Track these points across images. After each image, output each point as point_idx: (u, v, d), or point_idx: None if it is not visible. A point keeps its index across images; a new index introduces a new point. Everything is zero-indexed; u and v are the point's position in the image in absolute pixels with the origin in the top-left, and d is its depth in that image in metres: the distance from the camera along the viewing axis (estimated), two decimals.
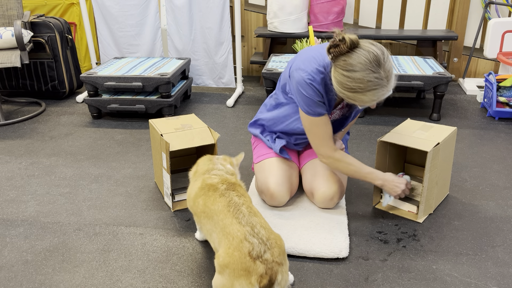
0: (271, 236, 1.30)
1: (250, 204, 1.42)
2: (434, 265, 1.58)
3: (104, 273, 1.56)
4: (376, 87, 1.48)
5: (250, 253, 1.25)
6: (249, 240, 1.27)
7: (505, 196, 2.03)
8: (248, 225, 1.31)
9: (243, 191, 1.49)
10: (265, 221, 1.36)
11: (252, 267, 1.23)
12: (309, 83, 1.63)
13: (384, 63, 1.48)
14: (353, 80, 1.47)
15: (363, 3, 3.86)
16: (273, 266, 1.25)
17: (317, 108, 1.67)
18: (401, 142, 1.80)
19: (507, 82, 2.95)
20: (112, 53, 3.64)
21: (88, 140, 2.73)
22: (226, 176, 1.56)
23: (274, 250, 1.27)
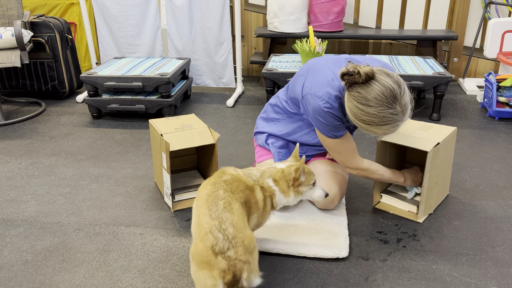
0: (239, 235, 1.28)
1: (232, 201, 1.35)
2: (434, 265, 1.58)
3: (104, 273, 1.56)
4: (390, 122, 1.45)
5: (213, 247, 1.25)
6: (214, 234, 1.26)
7: (505, 196, 2.03)
8: (217, 219, 1.29)
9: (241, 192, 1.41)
10: (241, 221, 1.32)
11: (213, 261, 1.24)
12: (327, 112, 1.60)
13: (400, 98, 1.43)
14: (367, 114, 1.44)
15: (363, 3, 3.86)
16: (236, 263, 1.24)
17: (337, 132, 1.65)
18: (401, 142, 1.80)
19: (507, 82, 2.95)
20: (112, 53, 3.64)
21: (88, 140, 2.73)
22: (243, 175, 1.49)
23: (238, 249, 1.25)
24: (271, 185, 1.50)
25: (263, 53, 3.82)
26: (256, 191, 1.47)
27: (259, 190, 1.48)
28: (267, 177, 1.51)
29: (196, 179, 2.13)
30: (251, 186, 1.46)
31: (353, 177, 2.21)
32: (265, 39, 3.79)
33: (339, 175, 1.89)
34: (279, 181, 1.50)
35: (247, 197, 1.43)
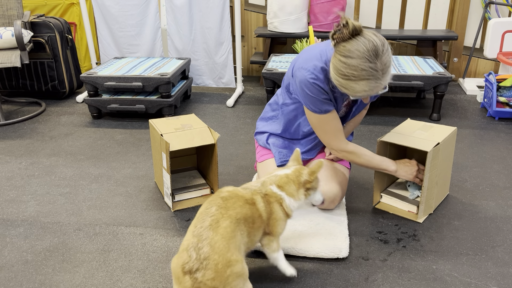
0: (213, 256, 1.19)
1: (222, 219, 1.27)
2: (434, 265, 1.58)
3: (104, 273, 1.56)
4: (369, 77, 1.45)
5: (183, 265, 1.20)
6: (189, 252, 1.21)
7: (505, 196, 2.03)
8: (197, 237, 1.23)
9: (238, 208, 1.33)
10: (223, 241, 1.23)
11: (181, 279, 1.20)
12: (312, 83, 1.62)
13: (382, 54, 1.45)
14: (348, 66, 1.45)
15: (363, 3, 3.86)
16: (200, 286, 1.18)
17: (323, 106, 1.66)
18: (401, 142, 1.80)
19: (507, 82, 2.95)
20: (112, 53, 3.64)
21: (88, 140, 2.73)
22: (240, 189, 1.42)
23: (207, 272, 1.18)
24: (276, 191, 1.44)
25: (263, 53, 3.82)
26: (257, 202, 1.40)
27: (260, 201, 1.40)
28: (270, 184, 1.46)
29: (196, 179, 2.13)
30: (250, 199, 1.38)
31: (353, 177, 2.21)
32: (265, 39, 3.79)
33: (340, 175, 1.88)
34: (284, 186, 1.46)
35: (247, 213, 1.34)
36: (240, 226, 1.31)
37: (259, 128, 2.04)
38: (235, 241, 1.26)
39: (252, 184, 1.47)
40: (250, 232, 1.35)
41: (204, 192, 2.04)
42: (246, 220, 1.33)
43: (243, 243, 1.32)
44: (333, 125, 1.70)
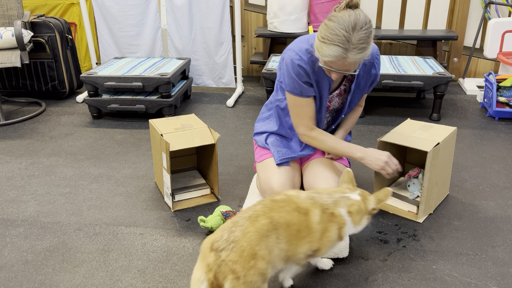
0: (243, 243, 1.21)
1: (262, 216, 1.28)
2: (434, 265, 1.58)
3: (104, 273, 1.56)
4: (339, 44, 1.47)
5: (213, 242, 1.24)
6: (222, 232, 1.25)
7: (505, 196, 2.03)
8: (233, 222, 1.28)
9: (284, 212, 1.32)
10: (257, 235, 1.24)
11: (206, 254, 1.23)
12: (296, 64, 1.66)
13: (359, 30, 1.47)
14: (326, 28, 1.49)
15: (363, 3, 3.86)
16: (221, 264, 1.19)
17: (301, 89, 1.70)
18: (401, 142, 1.80)
19: (507, 82, 2.95)
20: (112, 53, 3.64)
21: (88, 140, 2.73)
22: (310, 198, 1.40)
23: (231, 254, 1.20)
24: (343, 216, 1.41)
25: (263, 53, 3.82)
26: (312, 214, 1.36)
27: (317, 214, 1.37)
28: (342, 206, 1.42)
29: (196, 179, 2.13)
30: (304, 209, 1.35)
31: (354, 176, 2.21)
32: (265, 39, 3.80)
33: (339, 174, 1.88)
34: (353, 213, 1.43)
35: (292, 220, 1.32)
36: (279, 230, 1.30)
37: (257, 129, 2.04)
38: (267, 240, 1.26)
39: (323, 196, 1.43)
40: (291, 240, 1.32)
41: (204, 192, 2.04)
42: (289, 227, 1.31)
43: (279, 248, 1.30)
44: (305, 111, 1.74)
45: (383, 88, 2.90)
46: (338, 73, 1.58)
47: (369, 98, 3.45)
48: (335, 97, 1.85)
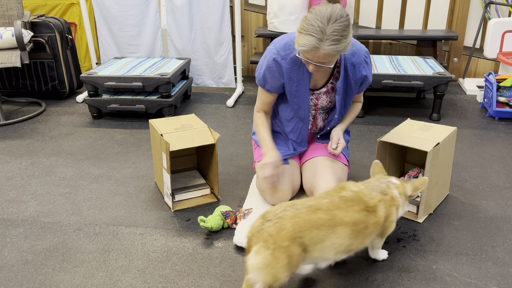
0: (287, 223, 1.26)
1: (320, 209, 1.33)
2: (434, 265, 1.58)
3: (104, 273, 1.56)
4: (313, 34, 1.51)
5: (268, 212, 1.32)
6: (277, 207, 1.33)
7: (505, 196, 2.03)
8: (292, 203, 1.35)
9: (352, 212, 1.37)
10: (307, 223, 1.28)
11: (258, 219, 1.32)
12: (272, 58, 1.75)
13: (333, 22, 1.51)
14: (304, 19, 1.55)
15: (363, 3, 3.86)
16: (260, 231, 1.27)
17: (265, 83, 1.82)
18: (401, 142, 1.80)
19: (507, 82, 2.95)
20: (112, 53, 3.64)
21: (88, 140, 2.73)
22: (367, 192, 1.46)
23: (272, 228, 1.26)
24: (398, 197, 1.51)
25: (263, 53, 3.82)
26: (379, 210, 1.43)
27: (382, 208, 1.44)
28: (394, 188, 1.51)
29: (196, 179, 2.13)
30: (372, 207, 1.41)
31: (353, 176, 2.21)
32: (265, 39, 3.79)
33: (339, 173, 1.89)
34: (402, 195, 1.53)
35: (360, 219, 1.37)
36: (341, 227, 1.34)
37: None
38: (317, 233, 1.30)
39: (378, 184, 1.50)
40: (357, 235, 1.38)
41: (204, 192, 2.04)
42: (356, 225, 1.37)
43: (338, 243, 1.35)
44: (262, 97, 1.88)
45: (383, 88, 2.90)
46: (315, 65, 1.61)
47: (369, 98, 3.45)
48: (322, 94, 1.86)
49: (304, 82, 1.79)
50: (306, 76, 1.77)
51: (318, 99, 1.86)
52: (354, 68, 1.78)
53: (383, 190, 1.48)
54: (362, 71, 1.79)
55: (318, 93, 1.85)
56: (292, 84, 1.79)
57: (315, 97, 1.86)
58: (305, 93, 1.81)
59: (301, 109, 1.86)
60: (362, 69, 1.79)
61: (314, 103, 1.88)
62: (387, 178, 1.55)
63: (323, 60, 1.57)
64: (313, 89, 1.85)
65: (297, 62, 1.75)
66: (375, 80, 2.89)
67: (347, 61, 1.77)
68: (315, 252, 1.31)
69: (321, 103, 1.88)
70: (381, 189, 1.48)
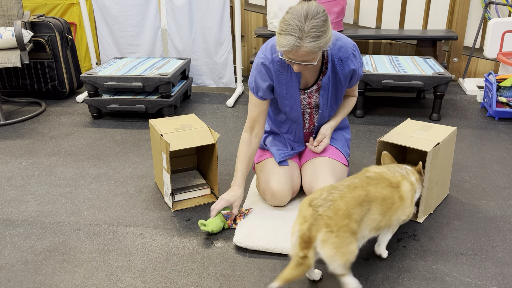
0: (340, 204, 1.32)
1: (358, 188, 1.40)
2: (434, 265, 1.58)
3: (104, 273, 1.56)
4: (291, 33, 1.52)
5: (312, 199, 1.36)
6: (320, 192, 1.38)
7: (505, 196, 2.03)
8: (333, 187, 1.40)
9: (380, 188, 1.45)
10: (352, 201, 1.35)
11: (303, 209, 1.35)
12: (260, 62, 1.77)
13: (310, 19, 1.52)
14: (283, 20, 1.56)
15: (363, 3, 3.86)
16: (317, 218, 1.30)
17: (258, 90, 1.81)
18: (401, 142, 1.80)
19: (507, 82, 2.95)
20: (112, 53, 3.64)
21: (88, 140, 2.73)
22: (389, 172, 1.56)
23: (328, 211, 1.30)
24: (415, 182, 1.60)
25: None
26: (403, 186, 1.52)
27: (407, 186, 1.54)
28: (412, 175, 1.61)
29: (196, 179, 2.13)
30: (396, 183, 1.51)
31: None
32: (265, 39, 3.79)
33: (338, 172, 1.89)
34: (418, 180, 1.64)
35: (387, 195, 1.46)
36: (374, 204, 1.41)
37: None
38: (361, 209, 1.37)
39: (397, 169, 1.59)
40: (387, 211, 1.45)
41: (204, 192, 2.04)
42: (384, 201, 1.44)
43: (372, 219, 1.41)
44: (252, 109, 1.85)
45: (383, 88, 2.90)
46: (299, 64, 1.62)
47: (369, 98, 3.45)
48: (314, 92, 1.87)
49: (293, 84, 1.80)
50: (294, 77, 1.78)
51: (310, 97, 1.88)
52: (342, 63, 1.78)
53: (403, 174, 1.57)
54: (350, 65, 1.79)
55: (310, 92, 1.86)
56: (282, 86, 1.80)
57: (307, 95, 1.87)
58: (295, 94, 1.82)
59: (293, 110, 1.86)
60: (350, 63, 1.79)
61: (307, 102, 1.89)
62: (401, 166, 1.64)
63: (306, 58, 1.58)
64: (304, 88, 1.86)
65: (284, 64, 1.76)
66: (375, 80, 2.89)
67: (334, 56, 1.77)
68: (359, 228, 1.38)
69: (314, 101, 1.89)
70: (401, 173, 1.57)
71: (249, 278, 1.52)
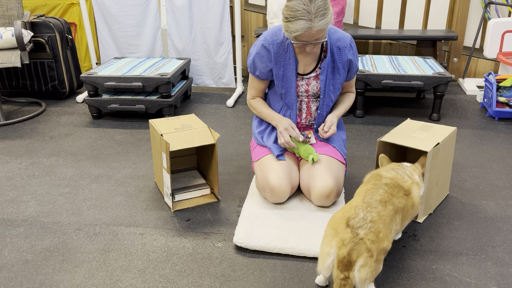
0: (379, 225, 1.31)
1: (389, 203, 1.40)
2: (434, 265, 1.58)
3: (104, 273, 1.56)
4: (302, 17, 1.64)
5: (349, 219, 1.32)
6: (357, 211, 1.34)
7: (505, 196, 2.03)
8: (367, 203, 1.37)
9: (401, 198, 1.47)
10: (388, 219, 1.35)
11: (340, 230, 1.30)
12: (260, 44, 1.87)
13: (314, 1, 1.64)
14: (288, 8, 1.68)
15: (363, 3, 3.86)
16: (359, 242, 1.26)
17: (255, 69, 1.92)
18: (401, 142, 1.80)
19: (507, 82, 2.95)
20: (112, 53, 3.64)
21: (88, 140, 2.73)
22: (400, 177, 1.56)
23: (370, 234, 1.28)
24: (419, 181, 1.62)
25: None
26: (413, 192, 1.54)
27: (416, 191, 1.55)
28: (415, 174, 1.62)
29: (196, 179, 2.13)
30: (408, 190, 1.52)
31: (353, 176, 2.21)
32: None
33: (335, 170, 1.89)
34: (420, 176, 1.65)
35: (405, 204, 1.48)
36: (398, 214, 1.44)
37: (253, 128, 2.12)
38: (391, 225, 1.39)
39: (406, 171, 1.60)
40: (404, 220, 1.49)
41: (204, 192, 2.04)
42: (403, 210, 1.48)
43: (395, 230, 1.44)
44: (254, 84, 2.00)
45: (383, 88, 2.90)
46: (310, 45, 1.75)
47: (369, 98, 3.45)
48: (312, 80, 1.93)
49: (290, 67, 1.89)
50: (292, 61, 1.88)
51: (308, 84, 1.94)
52: (340, 51, 1.89)
53: (409, 175, 1.59)
54: (347, 54, 1.90)
55: (308, 78, 1.93)
56: (279, 68, 1.89)
57: (305, 82, 1.93)
58: (291, 77, 1.90)
59: (289, 93, 1.93)
60: (347, 52, 1.90)
61: (305, 89, 1.95)
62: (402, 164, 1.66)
63: (317, 36, 1.71)
64: (303, 74, 1.93)
65: (283, 47, 1.86)
66: (375, 80, 2.89)
67: (333, 45, 1.88)
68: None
69: (312, 89, 1.94)
70: (408, 175, 1.59)
71: (249, 278, 1.52)
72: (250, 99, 2.05)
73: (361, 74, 2.90)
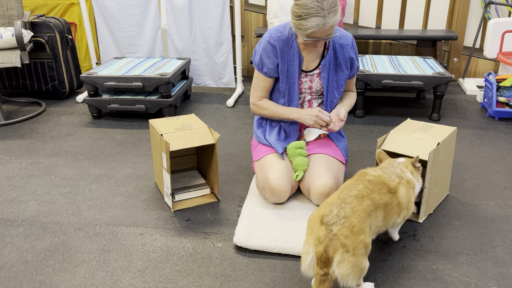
0: (353, 219, 1.31)
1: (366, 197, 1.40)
2: (434, 265, 1.58)
3: (104, 273, 1.56)
4: (315, 14, 1.67)
5: (323, 216, 1.33)
6: (331, 207, 1.35)
7: (505, 196, 2.03)
8: (342, 199, 1.38)
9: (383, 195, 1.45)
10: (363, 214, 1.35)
11: (316, 228, 1.32)
12: (266, 40, 1.89)
13: None
14: (299, 7, 1.70)
15: (363, 3, 3.86)
16: (332, 238, 1.28)
17: (263, 66, 1.92)
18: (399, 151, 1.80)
19: (507, 82, 2.95)
20: (112, 53, 3.64)
21: (88, 140, 2.73)
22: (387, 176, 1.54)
23: (343, 229, 1.29)
24: (412, 179, 1.59)
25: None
26: (400, 191, 1.52)
27: (403, 190, 1.53)
28: (407, 171, 1.60)
29: (196, 179, 2.13)
30: (394, 188, 1.50)
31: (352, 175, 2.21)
32: None
33: (335, 170, 1.89)
34: (413, 173, 1.62)
35: (388, 201, 1.46)
36: (378, 210, 1.43)
37: (254, 128, 2.12)
38: (370, 219, 1.39)
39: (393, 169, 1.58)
40: (386, 217, 1.47)
41: (204, 192, 2.05)
42: (386, 207, 1.46)
43: (375, 225, 1.43)
44: (260, 84, 1.97)
45: (383, 88, 2.90)
46: (321, 40, 1.77)
47: (369, 98, 3.45)
48: (316, 76, 1.95)
49: (294, 63, 1.91)
50: (296, 57, 1.90)
51: (311, 81, 1.95)
52: (343, 48, 1.92)
53: (398, 174, 1.57)
54: (350, 51, 1.93)
55: (312, 75, 1.94)
56: (284, 64, 1.91)
57: (309, 79, 1.95)
58: (294, 73, 1.92)
59: (292, 89, 1.95)
60: (350, 50, 1.93)
61: (308, 86, 1.96)
62: (396, 161, 1.64)
63: (329, 32, 1.74)
64: (306, 71, 1.95)
65: (288, 43, 1.88)
66: (375, 80, 2.89)
67: (336, 43, 1.92)
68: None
69: (315, 86, 1.96)
70: (397, 174, 1.57)
71: (249, 278, 1.52)
72: (257, 101, 2.01)
73: (361, 74, 2.90)
